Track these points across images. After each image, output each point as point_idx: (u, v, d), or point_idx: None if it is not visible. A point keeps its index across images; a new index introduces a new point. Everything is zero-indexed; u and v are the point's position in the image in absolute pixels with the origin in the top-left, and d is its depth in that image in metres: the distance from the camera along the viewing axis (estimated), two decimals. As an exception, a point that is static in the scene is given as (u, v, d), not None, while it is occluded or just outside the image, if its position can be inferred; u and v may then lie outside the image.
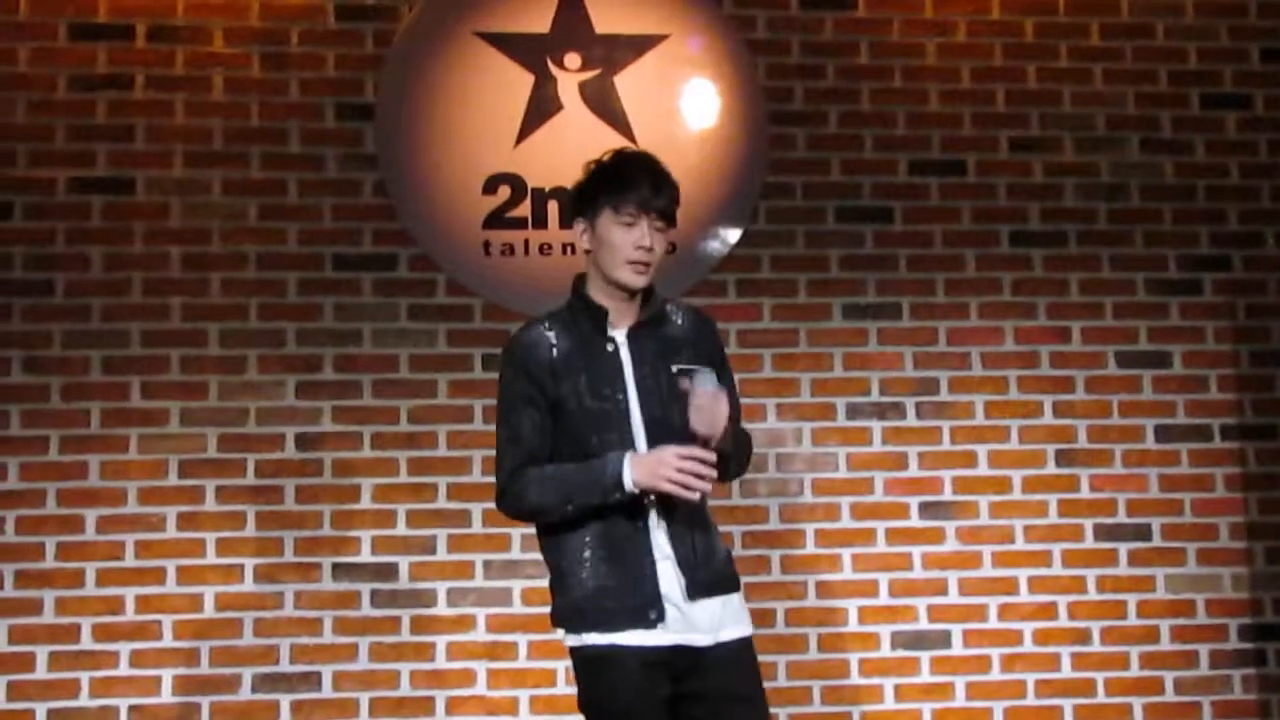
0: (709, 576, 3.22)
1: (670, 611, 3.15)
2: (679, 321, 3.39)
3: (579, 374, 3.24)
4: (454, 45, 5.05)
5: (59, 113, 4.89)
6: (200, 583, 4.71)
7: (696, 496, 3.10)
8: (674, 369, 3.25)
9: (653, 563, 3.17)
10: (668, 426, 3.20)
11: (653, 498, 3.15)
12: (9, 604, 4.64)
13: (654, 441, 3.18)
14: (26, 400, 4.74)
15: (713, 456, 3.10)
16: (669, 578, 3.17)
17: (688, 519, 3.22)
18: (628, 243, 3.25)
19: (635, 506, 3.17)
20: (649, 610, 3.14)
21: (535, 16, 5.09)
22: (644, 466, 3.10)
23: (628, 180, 3.29)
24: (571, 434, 3.22)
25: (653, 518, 3.19)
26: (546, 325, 3.32)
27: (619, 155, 3.37)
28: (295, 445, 4.82)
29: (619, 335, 3.30)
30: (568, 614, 3.22)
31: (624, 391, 3.25)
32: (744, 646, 3.25)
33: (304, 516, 4.78)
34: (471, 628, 4.79)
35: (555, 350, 3.27)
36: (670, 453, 3.08)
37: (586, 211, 3.32)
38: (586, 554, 3.20)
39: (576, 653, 3.20)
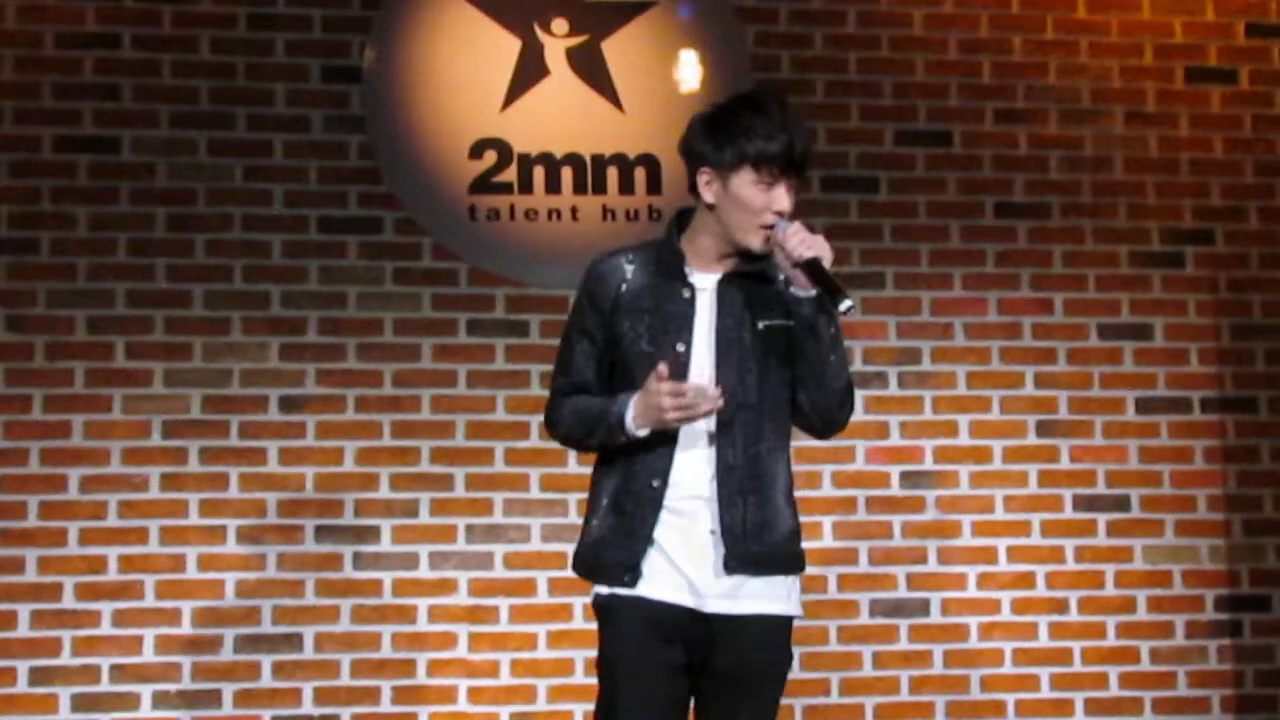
0: (761, 553, 2.96)
1: (670, 577, 2.97)
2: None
3: (644, 315, 3.01)
4: (441, 8, 5.03)
5: (46, 70, 4.86)
6: (183, 543, 4.71)
7: (709, 414, 2.88)
8: (760, 325, 2.97)
9: (654, 522, 2.96)
10: (741, 381, 2.95)
11: (715, 453, 2.96)
12: (-9, 562, 4.65)
13: (725, 398, 2.90)
14: (10, 359, 4.73)
15: (689, 388, 2.86)
16: (707, 547, 2.95)
17: (746, 484, 2.97)
18: (765, 206, 2.92)
19: (657, 463, 2.97)
20: (625, 572, 2.97)
21: (523, -19, 5.09)
22: (640, 408, 2.91)
23: (773, 132, 2.91)
24: (627, 373, 3.01)
25: (674, 476, 2.97)
26: (629, 257, 3.08)
27: (761, 99, 2.99)
28: (279, 407, 4.81)
29: (706, 281, 3.02)
30: (575, 559, 3.10)
31: (687, 343, 2.98)
32: (772, 627, 3.01)
33: (287, 478, 4.78)
34: (453, 591, 4.79)
35: (625, 285, 3.04)
36: (654, 389, 2.86)
37: (716, 161, 2.96)
38: (605, 502, 3.05)
39: (593, 602, 3.08)
